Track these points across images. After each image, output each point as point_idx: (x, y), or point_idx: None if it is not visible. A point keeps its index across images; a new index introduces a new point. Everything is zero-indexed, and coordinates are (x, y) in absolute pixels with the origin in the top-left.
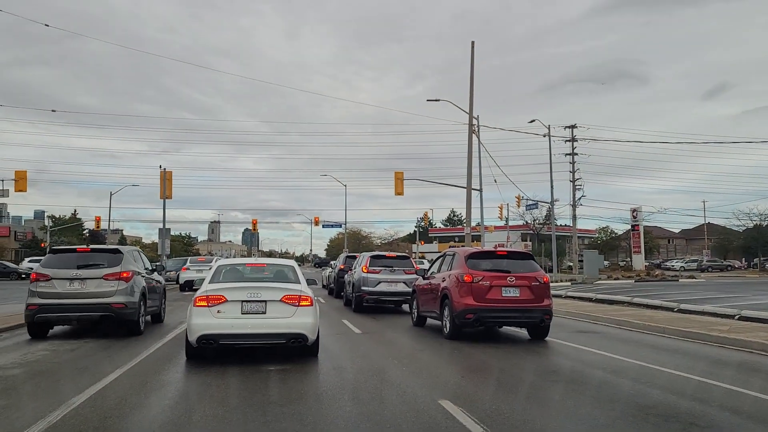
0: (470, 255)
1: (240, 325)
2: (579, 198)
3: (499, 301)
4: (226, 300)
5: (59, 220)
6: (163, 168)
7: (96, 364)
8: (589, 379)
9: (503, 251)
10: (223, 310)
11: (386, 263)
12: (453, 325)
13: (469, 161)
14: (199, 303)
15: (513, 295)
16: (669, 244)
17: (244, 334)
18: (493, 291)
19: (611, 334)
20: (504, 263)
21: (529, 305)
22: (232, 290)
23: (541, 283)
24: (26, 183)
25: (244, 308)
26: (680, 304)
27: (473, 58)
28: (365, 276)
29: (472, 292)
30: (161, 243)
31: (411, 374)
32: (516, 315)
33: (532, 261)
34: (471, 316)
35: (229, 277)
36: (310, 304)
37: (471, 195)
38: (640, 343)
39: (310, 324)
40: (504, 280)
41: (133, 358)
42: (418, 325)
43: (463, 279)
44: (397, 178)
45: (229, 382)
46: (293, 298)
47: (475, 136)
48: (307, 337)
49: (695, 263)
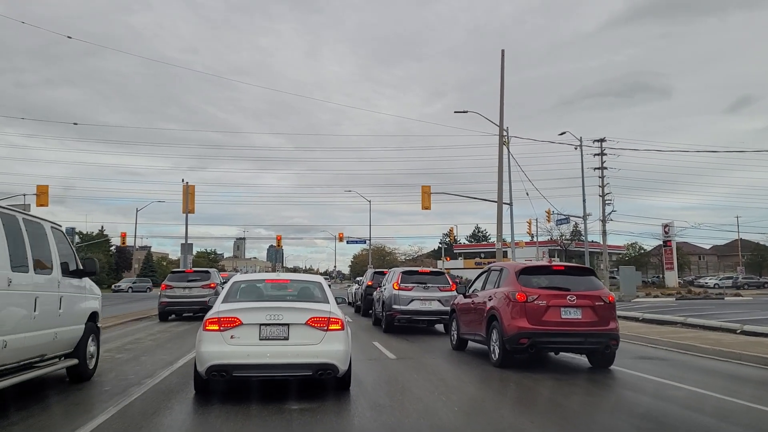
0: (522, 270)
1: (257, 353)
2: (609, 213)
3: (557, 323)
4: (241, 323)
5: (86, 236)
6: (186, 182)
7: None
8: (692, 428)
9: (560, 266)
10: (237, 336)
11: (419, 280)
12: (503, 351)
13: (500, 174)
14: (210, 326)
15: (574, 317)
16: (700, 260)
17: (262, 365)
18: (551, 312)
19: (681, 361)
20: (561, 280)
21: (592, 329)
22: (249, 311)
23: (606, 302)
24: (48, 198)
25: (263, 333)
26: (743, 325)
27: (503, 67)
28: (396, 293)
29: (525, 313)
30: (183, 258)
31: (466, 416)
32: (578, 340)
33: (593, 277)
34: (525, 340)
35: (246, 296)
36: (341, 328)
37: (502, 209)
38: (722, 373)
39: (341, 352)
40: (563, 299)
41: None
42: (458, 349)
43: (515, 298)
44: (424, 192)
45: (242, 427)
46: (321, 321)
47: (505, 147)
48: (337, 367)
49: (730, 280)
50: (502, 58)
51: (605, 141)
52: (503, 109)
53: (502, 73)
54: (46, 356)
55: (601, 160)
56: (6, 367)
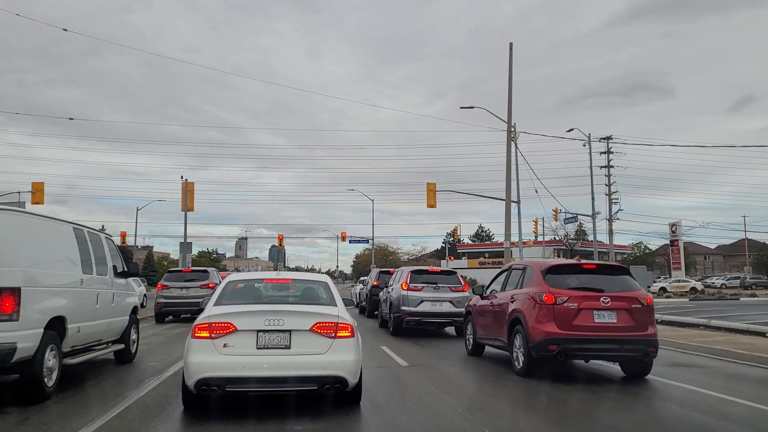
0: (549, 269)
1: (254, 364)
2: (616, 212)
3: (590, 328)
4: (235, 329)
5: None
6: (185, 179)
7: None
8: None
9: (590, 264)
10: (231, 344)
11: (429, 279)
12: (529, 359)
13: (508, 170)
14: (199, 333)
15: (608, 321)
16: (705, 260)
17: (259, 378)
18: (583, 315)
19: (720, 368)
20: (593, 279)
21: (629, 334)
22: (245, 316)
23: (643, 305)
24: (43, 195)
25: (261, 341)
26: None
27: (512, 61)
28: (405, 294)
29: (554, 317)
30: (182, 257)
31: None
32: (613, 347)
33: (628, 277)
34: (554, 347)
35: (242, 298)
36: (351, 335)
37: (510, 206)
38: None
39: (351, 363)
40: (596, 301)
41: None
42: (474, 355)
43: (543, 299)
44: (429, 189)
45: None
46: (328, 327)
47: (513, 144)
48: (346, 380)
49: (737, 280)
50: (510, 52)
51: (611, 139)
52: (511, 105)
53: (510, 67)
54: (102, 341)
55: (607, 158)
56: (77, 348)
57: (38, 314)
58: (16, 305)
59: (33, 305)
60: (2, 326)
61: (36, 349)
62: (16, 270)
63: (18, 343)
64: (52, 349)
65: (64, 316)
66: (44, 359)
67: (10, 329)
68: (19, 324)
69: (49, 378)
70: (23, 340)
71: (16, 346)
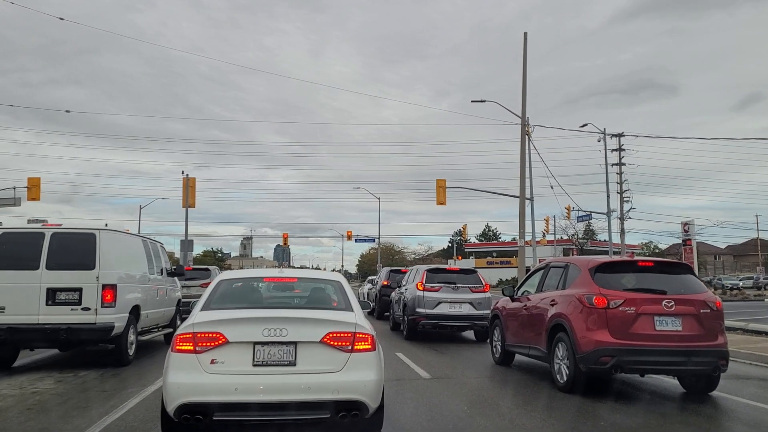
0: (598, 266)
1: (250, 386)
2: (628, 210)
3: (651, 337)
4: (226, 341)
5: None
6: (186, 174)
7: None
8: None
9: (647, 261)
10: (221, 360)
11: (447, 279)
12: (576, 372)
13: (522, 166)
14: (181, 345)
15: (672, 329)
16: (716, 260)
17: (257, 403)
18: (641, 322)
19: None
20: (651, 279)
21: (697, 344)
22: (238, 324)
23: (712, 309)
24: (39, 191)
25: (258, 356)
26: None
27: (526, 52)
28: (421, 295)
29: (607, 323)
30: (183, 255)
31: None
32: (678, 359)
33: (692, 276)
34: (608, 359)
35: (236, 301)
36: (372, 348)
37: (525, 203)
38: None
39: (373, 383)
40: (657, 305)
41: None
42: (502, 364)
43: (593, 302)
44: (439, 186)
45: None
46: (343, 338)
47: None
48: (366, 406)
49: (750, 280)
50: (525, 41)
51: (623, 136)
52: (525, 97)
53: (524, 58)
54: (158, 325)
55: (619, 155)
56: (144, 329)
57: (125, 303)
58: (114, 297)
59: (123, 297)
60: (106, 311)
61: (124, 327)
62: (114, 272)
63: (115, 323)
64: (132, 328)
65: (140, 305)
66: (128, 335)
67: (111, 313)
68: (115, 309)
69: (130, 349)
70: (118, 321)
71: (114, 324)
